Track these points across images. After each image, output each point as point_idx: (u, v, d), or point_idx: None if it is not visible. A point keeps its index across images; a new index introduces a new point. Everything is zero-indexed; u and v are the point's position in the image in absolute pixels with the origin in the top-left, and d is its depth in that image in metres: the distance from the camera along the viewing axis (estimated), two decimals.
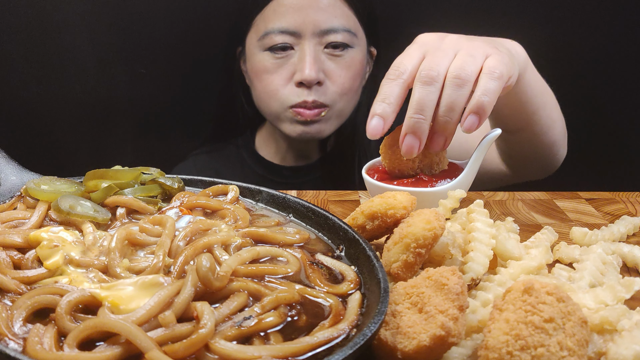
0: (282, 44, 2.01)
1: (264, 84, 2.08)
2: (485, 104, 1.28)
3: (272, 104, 2.09)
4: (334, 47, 2.04)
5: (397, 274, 1.05)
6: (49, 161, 2.43)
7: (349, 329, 0.88)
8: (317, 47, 2.02)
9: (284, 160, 2.29)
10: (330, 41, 2.03)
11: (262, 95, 2.12)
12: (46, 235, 1.02)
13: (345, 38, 2.04)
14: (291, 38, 2.01)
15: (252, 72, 2.14)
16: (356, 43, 2.09)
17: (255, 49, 2.09)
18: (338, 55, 2.05)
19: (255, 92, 2.17)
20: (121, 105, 2.49)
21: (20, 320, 0.84)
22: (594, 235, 1.31)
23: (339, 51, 2.05)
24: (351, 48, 2.07)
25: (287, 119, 2.08)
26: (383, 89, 1.37)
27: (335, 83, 2.05)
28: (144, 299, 0.87)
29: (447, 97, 1.30)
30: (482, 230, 1.15)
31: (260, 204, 1.29)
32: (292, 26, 2.00)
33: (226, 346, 0.81)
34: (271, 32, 2.02)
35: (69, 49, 2.40)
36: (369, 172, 1.55)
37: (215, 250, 1.02)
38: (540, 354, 0.78)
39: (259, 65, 2.08)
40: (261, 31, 2.05)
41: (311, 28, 2.00)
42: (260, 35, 2.05)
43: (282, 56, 2.03)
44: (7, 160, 1.34)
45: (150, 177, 1.30)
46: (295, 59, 2.03)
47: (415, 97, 1.31)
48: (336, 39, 2.03)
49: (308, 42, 2.00)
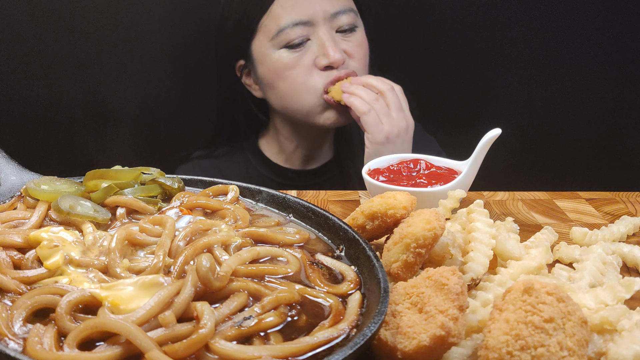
0: (299, 38, 2.03)
1: (289, 80, 2.07)
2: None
3: (305, 96, 2.08)
4: (343, 32, 2.09)
5: (397, 274, 1.05)
6: (49, 161, 2.43)
7: (349, 329, 0.88)
8: (330, 31, 2.06)
9: (289, 162, 2.30)
10: (340, 24, 2.07)
11: (290, 93, 2.10)
12: (46, 235, 1.02)
13: (351, 18, 2.09)
14: (305, 29, 2.03)
15: (270, 74, 2.11)
16: (359, 23, 2.14)
17: (269, 50, 2.07)
18: (349, 36, 2.10)
19: (278, 93, 2.13)
20: (122, 105, 2.49)
21: (20, 320, 0.84)
22: (594, 235, 1.31)
23: (348, 33, 2.10)
24: (357, 28, 2.12)
25: (322, 107, 2.08)
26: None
27: (354, 59, 2.10)
28: (144, 299, 0.87)
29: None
30: (482, 230, 1.15)
31: (260, 204, 1.29)
32: (305, 16, 2.03)
33: (226, 346, 0.81)
34: (285, 27, 2.03)
35: (70, 49, 2.40)
36: (369, 173, 1.55)
37: (215, 250, 1.02)
38: (540, 354, 0.78)
39: (278, 64, 2.06)
40: (273, 30, 2.05)
41: (322, 14, 2.04)
42: (273, 34, 2.05)
43: (300, 50, 2.05)
44: (7, 160, 1.34)
45: (150, 177, 1.30)
46: (314, 47, 2.05)
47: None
48: (345, 20, 2.07)
49: (322, 28, 2.04)
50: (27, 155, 1.56)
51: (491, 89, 2.51)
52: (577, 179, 2.50)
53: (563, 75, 2.49)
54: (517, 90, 2.51)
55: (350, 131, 2.26)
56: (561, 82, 2.50)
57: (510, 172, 2.40)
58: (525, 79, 2.50)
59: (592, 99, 2.50)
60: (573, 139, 2.56)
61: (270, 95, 2.16)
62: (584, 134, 2.54)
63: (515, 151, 2.39)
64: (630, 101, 2.51)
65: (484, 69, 2.49)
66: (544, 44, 2.46)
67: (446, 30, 2.46)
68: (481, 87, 2.51)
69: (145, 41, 2.43)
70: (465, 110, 2.36)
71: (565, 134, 2.55)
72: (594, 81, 2.49)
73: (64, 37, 2.38)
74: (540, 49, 2.47)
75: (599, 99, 2.51)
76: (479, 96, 2.51)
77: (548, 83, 2.50)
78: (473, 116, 2.38)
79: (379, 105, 1.94)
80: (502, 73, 2.50)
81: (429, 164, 1.58)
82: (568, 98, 2.51)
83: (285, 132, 2.23)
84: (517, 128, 2.29)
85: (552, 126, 2.54)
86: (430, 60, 2.49)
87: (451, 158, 1.60)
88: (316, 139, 2.25)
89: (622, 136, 2.55)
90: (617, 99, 2.51)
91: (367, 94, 1.96)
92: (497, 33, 2.46)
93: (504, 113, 2.50)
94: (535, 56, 2.47)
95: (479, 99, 2.51)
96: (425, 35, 2.48)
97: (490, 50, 2.47)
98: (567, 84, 2.49)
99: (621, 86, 2.49)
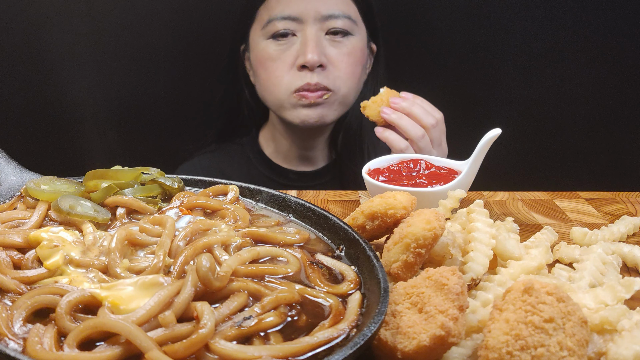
0: (284, 30, 2.06)
1: (269, 71, 2.11)
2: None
3: (277, 91, 2.11)
4: (334, 34, 2.08)
5: (397, 274, 1.05)
6: (49, 161, 2.43)
7: (349, 329, 0.88)
8: (318, 32, 2.07)
9: (286, 160, 2.30)
10: (331, 27, 2.07)
11: (266, 84, 2.14)
12: (46, 235, 1.02)
13: (345, 24, 2.09)
14: (293, 24, 2.06)
15: (256, 62, 2.17)
16: (356, 31, 2.13)
17: (259, 38, 2.13)
18: (339, 42, 2.09)
19: (259, 82, 2.19)
20: (122, 105, 2.49)
21: (20, 320, 0.84)
22: (594, 235, 1.31)
23: (339, 37, 2.09)
24: (352, 35, 2.11)
25: (291, 104, 2.10)
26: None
27: (337, 68, 2.09)
28: (144, 299, 0.87)
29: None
30: (482, 230, 1.15)
31: (260, 204, 1.29)
32: (294, 12, 2.06)
33: (226, 346, 0.81)
34: (274, 19, 2.07)
35: (70, 49, 2.40)
36: (369, 173, 1.55)
37: (215, 250, 1.02)
38: (540, 354, 0.78)
39: (263, 53, 2.12)
40: (264, 20, 2.10)
41: (313, 14, 2.05)
42: (264, 23, 2.10)
43: (284, 43, 2.08)
44: (7, 160, 1.34)
45: (150, 177, 1.30)
46: (297, 45, 2.07)
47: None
48: (337, 24, 2.07)
49: (310, 27, 2.05)
50: (27, 155, 1.56)
51: (491, 89, 2.51)
52: (577, 179, 2.50)
53: (563, 75, 2.48)
54: (517, 90, 2.51)
55: (350, 132, 2.26)
56: (561, 82, 2.49)
57: (510, 172, 2.40)
58: (525, 79, 2.50)
59: (592, 99, 2.51)
60: (573, 139, 2.56)
61: (255, 82, 2.22)
62: (584, 134, 2.54)
63: (515, 151, 2.39)
64: (630, 101, 2.51)
65: (484, 69, 2.49)
66: (544, 44, 2.46)
67: (446, 30, 2.46)
68: (481, 87, 2.51)
69: (145, 40, 2.43)
70: (465, 110, 2.36)
71: (565, 134, 2.55)
72: (594, 81, 2.49)
73: (64, 37, 2.38)
74: (540, 49, 2.47)
75: (599, 99, 2.51)
76: (478, 96, 2.51)
77: (548, 83, 2.50)
78: (473, 116, 2.38)
79: (422, 144, 1.83)
80: (502, 73, 2.50)
81: (429, 164, 1.58)
82: (568, 98, 2.51)
83: (280, 128, 2.25)
84: (517, 128, 2.29)
85: (552, 126, 2.54)
86: (430, 60, 2.49)
87: (451, 158, 1.60)
88: (309, 139, 2.26)
89: (622, 136, 2.55)
90: (617, 99, 2.51)
91: (412, 127, 1.82)
92: (497, 33, 2.46)
93: (504, 113, 2.50)
94: (536, 56, 2.47)
95: (478, 99, 2.51)
96: (425, 35, 2.48)
97: (491, 51, 2.47)
98: (567, 84, 2.49)
99: (621, 86, 2.49)
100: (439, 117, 1.87)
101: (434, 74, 2.49)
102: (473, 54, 2.48)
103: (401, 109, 1.84)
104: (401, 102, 1.85)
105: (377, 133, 1.89)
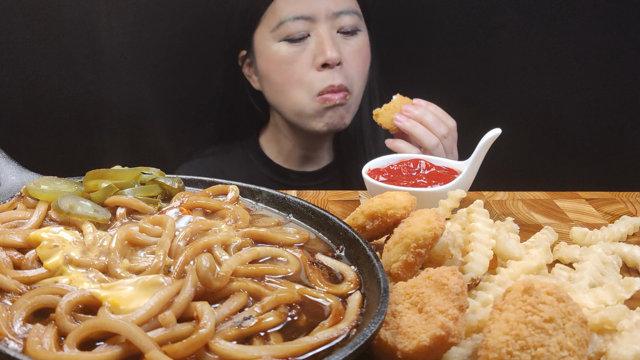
0: (299, 33, 2.02)
1: (286, 75, 2.06)
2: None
3: (298, 94, 2.06)
4: (344, 33, 2.07)
5: (397, 274, 1.05)
6: (49, 161, 2.43)
7: (349, 329, 0.88)
8: (331, 30, 2.05)
9: (288, 161, 2.29)
10: (342, 24, 2.05)
11: (284, 88, 2.09)
12: (46, 235, 1.02)
13: (354, 20, 2.08)
14: (306, 24, 2.03)
15: (268, 67, 2.10)
16: (362, 27, 2.13)
17: (269, 41, 2.07)
18: (349, 39, 2.08)
19: (272, 87, 2.12)
20: (122, 105, 2.49)
21: (20, 320, 0.84)
22: (594, 235, 1.31)
23: (349, 36, 2.08)
24: (360, 32, 2.11)
25: (314, 110, 2.06)
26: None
27: (351, 66, 2.07)
28: (144, 299, 0.87)
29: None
30: (482, 230, 1.15)
31: (260, 204, 1.29)
32: (306, 12, 2.02)
33: (226, 346, 0.81)
34: (286, 20, 2.03)
35: (71, 49, 2.40)
36: (369, 173, 1.55)
37: (215, 250, 1.02)
38: (540, 354, 0.78)
39: (276, 56, 2.06)
40: (274, 22, 2.05)
41: (324, 12, 2.03)
42: (274, 26, 2.05)
43: (299, 44, 2.04)
44: (7, 160, 1.34)
45: (150, 177, 1.30)
46: (312, 45, 2.04)
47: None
48: (347, 21, 2.06)
49: (323, 26, 2.03)
50: (27, 155, 1.56)
51: (491, 89, 2.51)
52: (577, 179, 2.50)
53: (563, 75, 2.49)
54: (517, 90, 2.51)
55: (351, 133, 2.25)
56: (561, 82, 2.50)
57: (510, 172, 2.40)
58: (525, 79, 2.50)
59: (592, 99, 2.51)
60: (573, 138, 2.56)
61: (266, 88, 2.16)
62: (584, 134, 2.54)
63: (515, 151, 2.39)
64: (630, 101, 2.52)
65: (484, 69, 2.49)
66: (544, 45, 2.46)
67: (446, 30, 2.46)
68: (481, 87, 2.51)
69: (146, 40, 2.43)
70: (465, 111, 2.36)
71: (565, 134, 2.55)
72: (594, 81, 2.49)
73: (64, 38, 2.38)
74: (540, 49, 2.47)
75: (599, 99, 2.51)
76: (479, 96, 2.51)
77: (548, 83, 2.50)
78: (473, 116, 2.38)
79: (437, 153, 1.81)
80: (502, 73, 2.50)
81: (429, 164, 1.58)
82: (568, 98, 2.51)
83: (284, 130, 2.23)
84: (517, 128, 2.28)
85: (552, 126, 2.54)
86: (430, 60, 2.49)
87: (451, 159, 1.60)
88: (315, 140, 2.24)
89: (622, 136, 2.55)
90: (617, 99, 2.52)
91: (426, 136, 1.79)
92: (497, 33, 2.46)
93: (504, 113, 2.50)
94: (535, 56, 2.47)
95: (479, 99, 2.51)
96: (425, 36, 2.48)
97: (490, 51, 2.47)
98: (567, 84, 2.49)
99: (621, 86, 2.50)
100: (452, 125, 1.84)
101: (434, 74, 2.49)
102: (473, 54, 2.48)
103: (414, 117, 1.81)
104: (414, 110, 1.81)
105: (388, 144, 1.87)
